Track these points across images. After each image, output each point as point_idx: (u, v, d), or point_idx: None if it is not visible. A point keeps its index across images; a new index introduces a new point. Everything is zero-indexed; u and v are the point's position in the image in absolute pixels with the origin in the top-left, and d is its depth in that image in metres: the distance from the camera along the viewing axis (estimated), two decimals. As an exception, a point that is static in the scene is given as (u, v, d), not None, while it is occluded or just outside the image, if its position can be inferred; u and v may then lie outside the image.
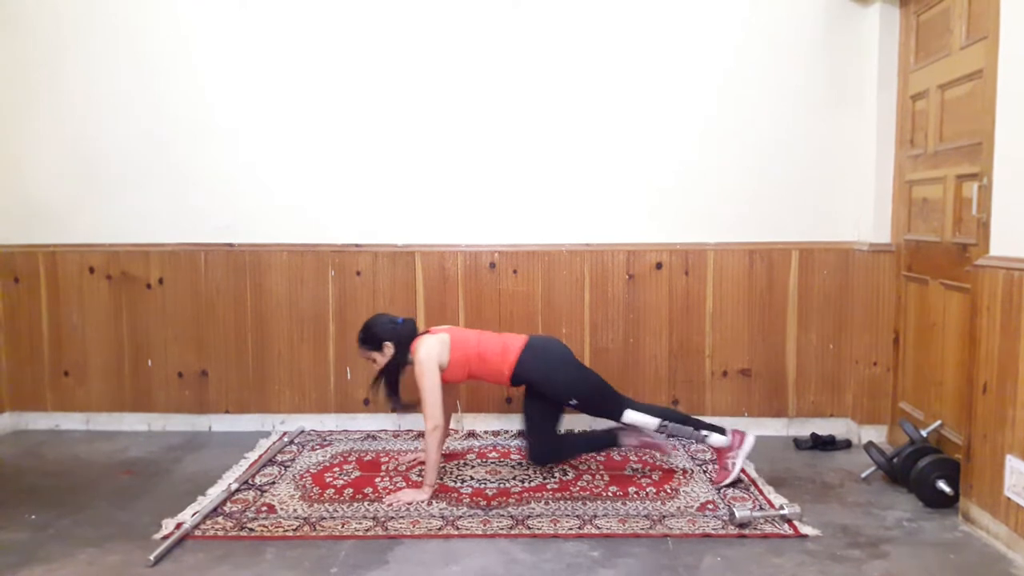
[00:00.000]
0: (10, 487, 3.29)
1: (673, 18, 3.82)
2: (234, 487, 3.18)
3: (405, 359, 3.19)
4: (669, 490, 3.15)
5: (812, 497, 3.10)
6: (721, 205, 3.87)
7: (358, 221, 3.96)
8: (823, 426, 3.89)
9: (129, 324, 4.04)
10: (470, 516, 2.91)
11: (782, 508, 2.86)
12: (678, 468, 3.40)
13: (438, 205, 3.94)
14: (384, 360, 3.21)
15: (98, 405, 4.08)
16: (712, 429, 3.21)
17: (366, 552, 2.64)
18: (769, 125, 3.82)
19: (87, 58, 3.93)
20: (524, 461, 3.47)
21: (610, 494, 3.12)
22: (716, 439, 3.20)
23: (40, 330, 4.07)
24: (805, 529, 2.77)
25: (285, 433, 3.95)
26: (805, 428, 3.90)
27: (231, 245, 3.99)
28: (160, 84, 3.93)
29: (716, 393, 3.95)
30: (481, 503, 3.03)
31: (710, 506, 2.99)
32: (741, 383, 3.94)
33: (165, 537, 2.73)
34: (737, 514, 2.79)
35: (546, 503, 3.03)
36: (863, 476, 3.28)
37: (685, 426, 3.17)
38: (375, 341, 3.21)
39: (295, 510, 2.98)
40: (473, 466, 3.46)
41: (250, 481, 3.28)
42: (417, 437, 3.88)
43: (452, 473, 3.36)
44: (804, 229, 3.86)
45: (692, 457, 3.55)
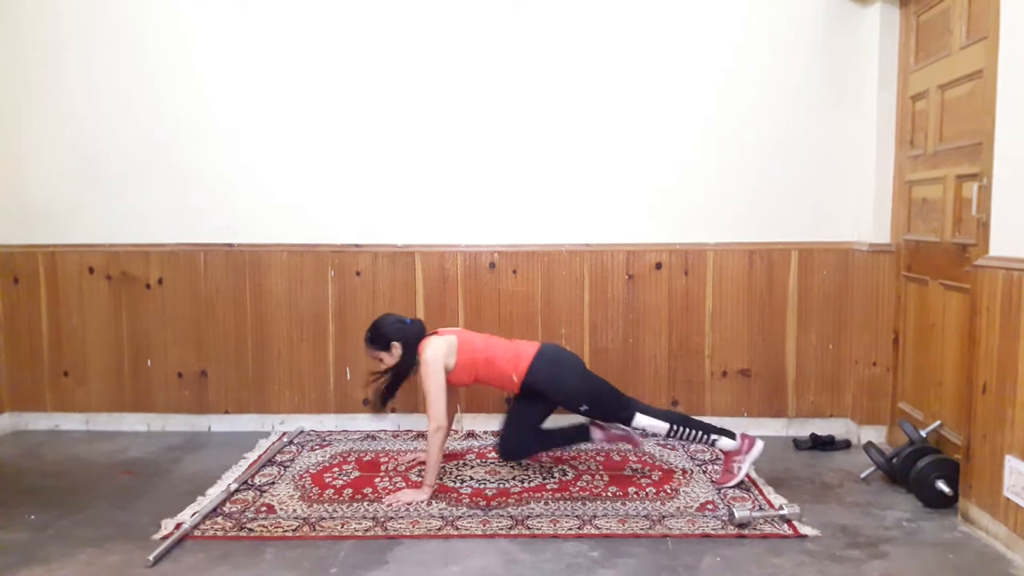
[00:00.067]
0: (10, 487, 3.28)
1: (673, 18, 3.82)
2: (233, 487, 3.18)
3: (413, 360, 3.17)
4: (669, 490, 3.15)
5: (811, 497, 3.10)
6: (721, 205, 3.87)
7: (358, 221, 3.96)
8: (822, 426, 3.89)
9: (129, 324, 4.04)
10: (470, 516, 2.91)
11: (781, 508, 2.86)
12: (678, 468, 3.40)
13: (438, 205, 3.94)
14: (391, 360, 3.21)
15: (98, 405, 4.08)
16: (722, 433, 3.19)
17: (365, 552, 2.64)
18: (769, 125, 3.82)
19: (87, 58, 3.93)
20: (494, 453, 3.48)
21: (610, 494, 3.12)
22: (725, 443, 3.18)
23: (40, 330, 4.07)
24: (804, 529, 2.78)
25: (284, 433, 3.95)
26: (804, 428, 3.90)
27: (230, 245, 3.99)
28: (160, 84, 3.93)
29: (715, 393, 3.95)
30: (481, 503, 3.03)
31: (710, 506, 2.99)
32: (741, 383, 3.94)
33: (164, 537, 2.73)
34: (737, 514, 2.79)
35: (545, 503, 3.03)
36: (862, 476, 3.28)
37: (695, 430, 3.16)
38: (383, 341, 3.20)
39: (294, 510, 2.98)
40: (472, 466, 3.46)
41: (249, 481, 3.29)
42: (416, 438, 3.88)
43: (451, 473, 3.36)
44: (804, 229, 3.86)
45: (692, 457, 3.55)
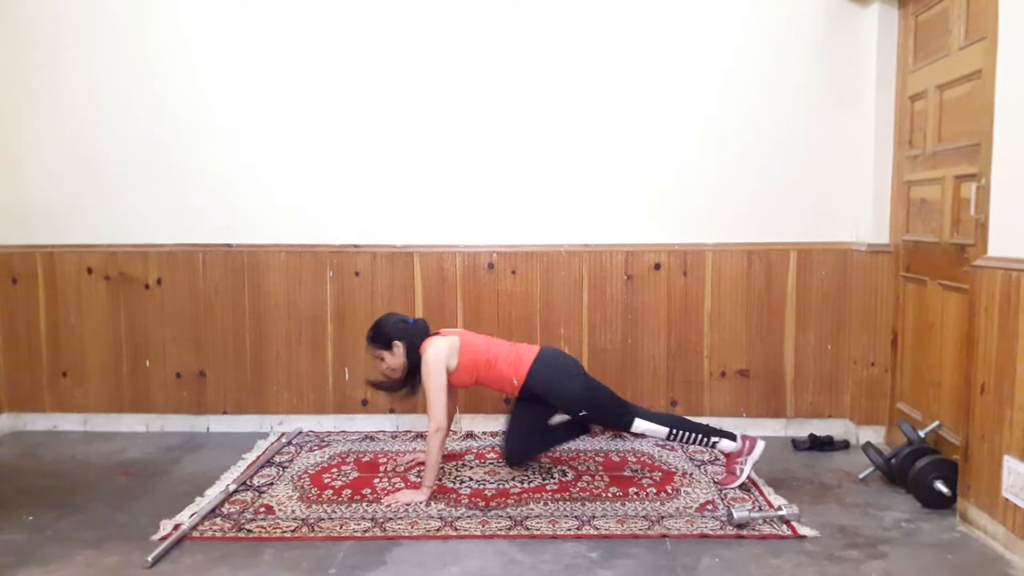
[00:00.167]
0: (8, 488, 3.28)
1: (673, 18, 3.82)
2: (232, 488, 3.17)
3: (417, 359, 3.17)
4: (669, 491, 3.15)
5: (810, 498, 3.10)
6: (721, 205, 3.87)
7: (357, 221, 3.96)
8: (821, 427, 3.89)
9: (127, 325, 4.04)
10: (468, 517, 2.91)
11: (780, 509, 2.87)
12: (677, 469, 3.40)
13: (437, 206, 3.94)
14: (393, 360, 3.21)
15: (96, 406, 4.08)
16: (722, 435, 3.18)
17: (364, 553, 2.64)
18: (769, 125, 3.82)
19: (87, 58, 3.93)
20: (499, 460, 3.50)
21: (610, 495, 3.12)
22: (726, 444, 3.18)
23: (38, 331, 4.06)
24: (803, 530, 2.77)
25: (283, 434, 3.95)
26: (803, 429, 3.90)
27: (229, 246, 3.98)
28: (160, 84, 3.93)
29: (714, 394, 3.95)
30: (480, 504, 3.03)
31: (709, 507, 2.99)
32: (739, 384, 3.94)
33: (163, 538, 2.73)
34: (735, 515, 2.79)
35: (545, 504, 3.03)
36: (861, 477, 3.28)
37: (695, 433, 3.15)
38: (384, 340, 3.20)
39: (293, 511, 2.98)
40: (471, 467, 3.46)
41: (248, 482, 3.28)
42: (415, 438, 3.88)
43: (450, 474, 3.36)
44: (803, 229, 3.86)
45: (691, 458, 3.55)
